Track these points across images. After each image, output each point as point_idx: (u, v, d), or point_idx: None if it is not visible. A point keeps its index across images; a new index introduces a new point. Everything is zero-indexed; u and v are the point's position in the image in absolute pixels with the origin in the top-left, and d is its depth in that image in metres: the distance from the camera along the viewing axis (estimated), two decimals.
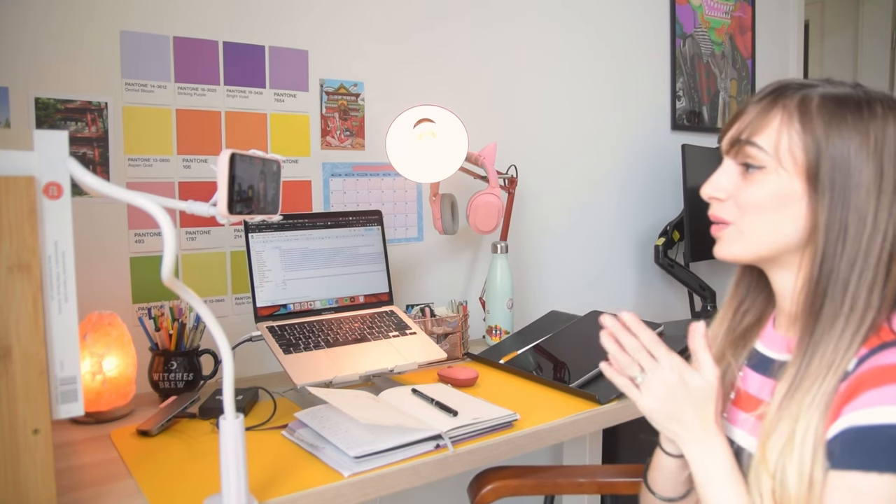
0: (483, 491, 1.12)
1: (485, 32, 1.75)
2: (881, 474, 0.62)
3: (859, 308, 0.70)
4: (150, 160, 1.32)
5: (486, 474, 1.16)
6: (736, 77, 2.39)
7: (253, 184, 0.79)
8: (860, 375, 0.67)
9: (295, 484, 0.86)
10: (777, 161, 0.73)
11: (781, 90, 0.75)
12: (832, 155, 0.71)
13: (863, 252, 0.70)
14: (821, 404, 0.68)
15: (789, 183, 0.73)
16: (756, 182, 0.75)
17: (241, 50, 1.41)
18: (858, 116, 0.71)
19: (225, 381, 0.76)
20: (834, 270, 0.71)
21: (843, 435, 0.65)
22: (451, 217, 1.57)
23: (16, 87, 1.19)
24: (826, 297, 0.71)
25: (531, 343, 1.45)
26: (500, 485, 1.13)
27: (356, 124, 1.56)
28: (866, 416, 0.64)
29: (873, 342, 0.69)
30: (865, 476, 0.62)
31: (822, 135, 0.71)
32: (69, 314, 0.71)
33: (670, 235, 2.07)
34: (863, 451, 0.63)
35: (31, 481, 0.69)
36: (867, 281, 0.70)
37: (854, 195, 0.70)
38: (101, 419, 1.11)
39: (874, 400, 0.64)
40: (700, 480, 0.76)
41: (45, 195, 0.69)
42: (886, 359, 0.66)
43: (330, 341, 1.22)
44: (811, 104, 0.72)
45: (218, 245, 1.41)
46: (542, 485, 1.15)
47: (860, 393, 0.66)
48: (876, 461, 0.62)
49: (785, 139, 0.73)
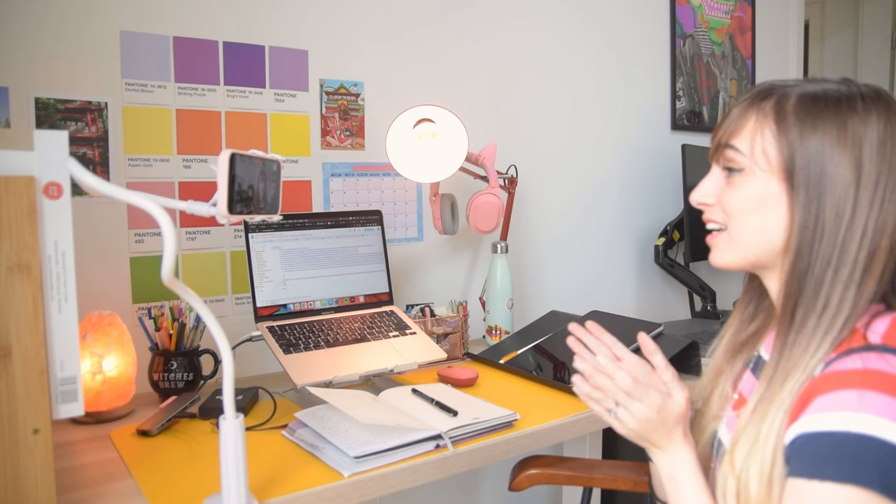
0: (520, 476, 1.15)
1: (485, 33, 1.75)
2: (822, 482, 0.60)
3: (832, 307, 0.69)
4: (150, 160, 1.32)
5: (528, 460, 1.18)
6: (736, 77, 2.39)
7: (253, 184, 0.79)
8: (815, 380, 0.66)
9: (295, 484, 0.86)
10: (753, 162, 0.74)
11: (761, 92, 0.76)
12: (806, 152, 0.70)
13: (838, 249, 0.69)
14: (784, 405, 0.68)
15: (766, 184, 0.73)
16: (737, 185, 0.76)
17: (240, 50, 1.41)
18: (835, 112, 0.70)
19: (225, 381, 0.76)
20: (809, 268, 0.70)
21: (795, 441, 0.65)
22: (451, 217, 1.57)
23: (16, 87, 1.19)
24: (801, 295, 0.71)
25: (531, 343, 1.45)
26: (538, 472, 1.15)
27: (356, 124, 1.56)
28: (813, 422, 0.63)
29: (843, 347, 0.67)
30: (809, 484, 0.61)
31: (797, 133, 0.71)
32: (69, 314, 0.71)
33: (670, 235, 2.07)
34: (807, 459, 0.62)
35: (31, 481, 0.69)
36: (842, 279, 0.69)
37: (829, 192, 0.69)
38: (101, 419, 1.11)
39: (822, 406, 0.63)
40: (666, 481, 0.79)
41: (45, 195, 0.69)
42: (845, 364, 0.65)
43: (330, 341, 1.22)
44: (787, 104, 0.72)
45: (218, 245, 1.41)
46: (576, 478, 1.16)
47: (813, 398, 0.65)
48: (818, 469, 0.61)
49: (759, 140, 0.73)
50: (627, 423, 0.79)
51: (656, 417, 0.77)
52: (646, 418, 0.78)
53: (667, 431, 0.78)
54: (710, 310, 2.07)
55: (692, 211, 1.89)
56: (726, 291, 2.27)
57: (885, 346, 0.65)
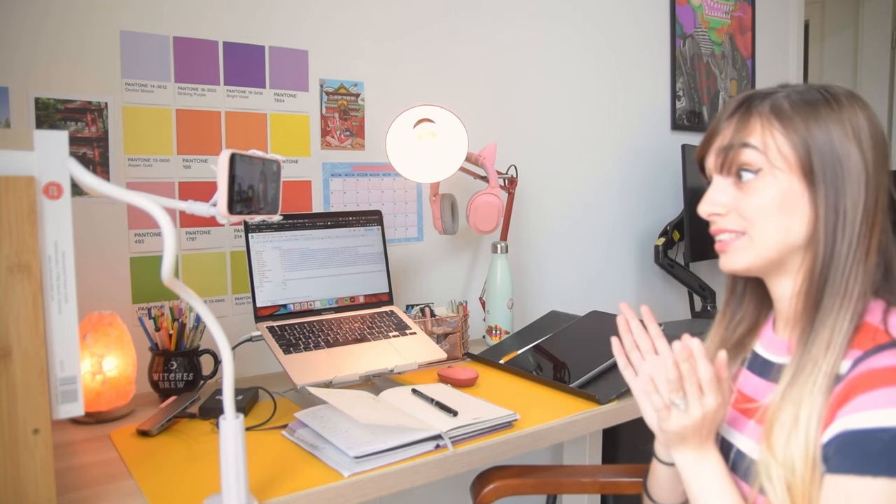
0: (485, 490, 1.12)
1: (485, 33, 1.75)
2: (875, 478, 0.61)
3: (851, 287, 0.72)
4: (150, 160, 1.32)
5: (487, 473, 1.16)
6: (736, 77, 2.39)
7: (253, 184, 0.79)
8: (854, 379, 0.67)
9: (295, 484, 0.86)
10: (770, 163, 0.74)
11: (748, 101, 0.77)
12: (820, 147, 0.73)
13: (857, 235, 0.72)
14: (822, 386, 0.69)
15: (787, 183, 0.74)
16: (755, 189, 0.75)
17: (240, 50, 1.41)
18: (830, 109, 0.73)
19: (225, 381, 0.76)
20: (835, 257, 0.73)
21: (838, 439, 0.65)
22: (451, 217, 1.57)
23: (16, 87, 1.19)
24: (827, 284, 0.73)
25: (531, 343, 1.45)
26: (502, 484, 1.13)
27: (356, 124, 1.56)
28: (860, 419, 0.64)
29: (867, 344, 0.68)
30: (859, 480, 0.62)
31: (805, 130, 0.73)
32: (69, 314, 0.71)
33: (670, 235, 2.07)
34: (856, 455, 0.63)
35: (31, 481, 0.69)
36: (859, 259, 0.72)
37: (847, 181, 0.72)
38: (101, 419, 1.11)
39: (868, 403, 0.64)
40: (693, 488, 0.77)
41: (45, 195, 0.69)
42: (880, 361, 0.66)
43: (330, 341, 1.22)
44: (783, 106, 0.74)
45: (218, 245, 1.41)
46: (543, 484, 1.15)
47: (854, 396, 0.65)
48: (869, 465, 0.62)
49: (771, 142, 0.74)
50: (694, 416, 0.75)
51: (710, 419, 0.76)
52: (713, 412, 0.75)
53: (709, 433, 0.77)
54: (709, 310, 2.08)
55: (692, 211, 1.89)
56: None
57: None
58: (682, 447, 0.78)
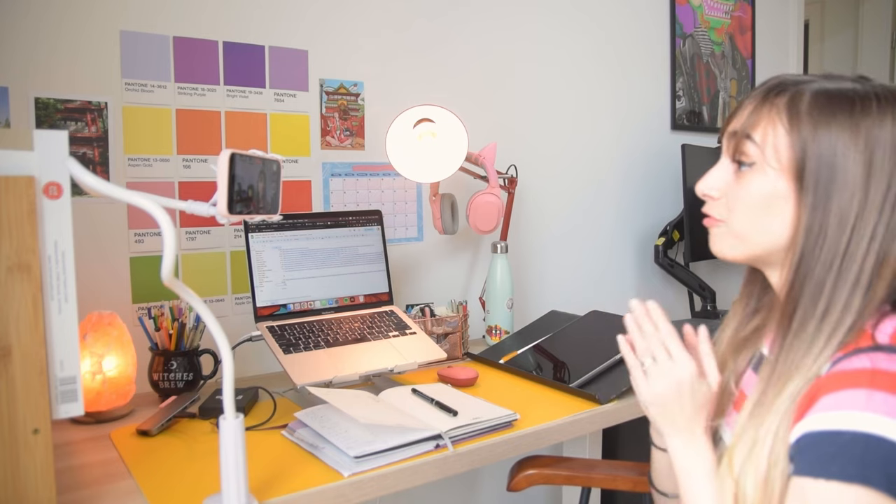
0: (518, 476, 1.14)
1: (485, 33, 1.75)
2: (828, 481, 0.60)
3: (835, 312, 0.68)
4: (150, 160, 1.32)
5: (526, 461, 1.17)
6: (736, 77, 2.39)
7: (253, 184, 0.79)
8: (823, 379, 0.66)
9: (295, 484, 0.86)
10: (765, 158, 0.72)
11: (775, 87, 0.74)
12: (817, 154, 0.69)
13: (841, 254, 0.68)
14: (782, 408, 0.67)
15: (775, 182, 0.72)
16: (745, 182, 0.74)
17: (240, 50, 1.41)
18: (849, 114, 0.69)
19: (225, 381, 0.76)
20: (809, 273, 0.69)
21: (800, 440, 0.64)
22: (451, 217, 1.57)
23: (16, 87, 1.19)
24: (800, 299, 0.70)
25: (531, 343, 1.45)
26: (536, 473, 1.14)
27: (356, 124, 1.56)
28: (820, 420, 0.63)
29: (850, 347, 0.67)
30: (813, 482, 0.61)
31: (809, 133, 0.69)
32: (69, 314, 0.71)
33: (670, 235, 2.07)
34: (813, 457, 0.62)
35: (30, 481, 0.69)
36: (847, 284, 0.68)
37: (837, 196, 0.68)
38: (100, 419, 1.11)
39: (829, 405, 0.63)
40: (681, 474, 0.77)
41: (45, 195, 0.69)
42: (852, 363, 0.64)
43: (330, 341, 1.22)
44: (801, 102, 0.70)
45: (218, 245, 1.41)
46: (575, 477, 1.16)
47: (819, 397, 0.64)
48: (823, 468, 0.61)
49: (771, 137, 0.72)
50: (656, 383, 0.77)
51: (686, 389, 0.76)
52: (677, 382, 0.76)
53: (693, 411, 0.76)
54: (709, 310, 2.08)
55: (692, 211, 1.89)
56: (726, 291, 2.27)
57: (893, 346, 0.65)
58: (670, 430, 0.78)
